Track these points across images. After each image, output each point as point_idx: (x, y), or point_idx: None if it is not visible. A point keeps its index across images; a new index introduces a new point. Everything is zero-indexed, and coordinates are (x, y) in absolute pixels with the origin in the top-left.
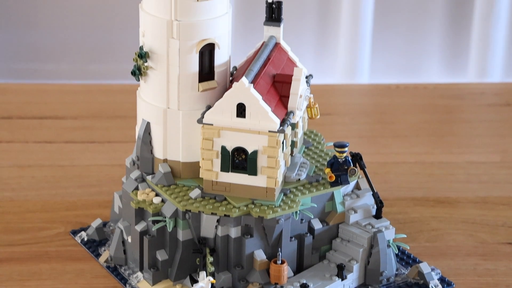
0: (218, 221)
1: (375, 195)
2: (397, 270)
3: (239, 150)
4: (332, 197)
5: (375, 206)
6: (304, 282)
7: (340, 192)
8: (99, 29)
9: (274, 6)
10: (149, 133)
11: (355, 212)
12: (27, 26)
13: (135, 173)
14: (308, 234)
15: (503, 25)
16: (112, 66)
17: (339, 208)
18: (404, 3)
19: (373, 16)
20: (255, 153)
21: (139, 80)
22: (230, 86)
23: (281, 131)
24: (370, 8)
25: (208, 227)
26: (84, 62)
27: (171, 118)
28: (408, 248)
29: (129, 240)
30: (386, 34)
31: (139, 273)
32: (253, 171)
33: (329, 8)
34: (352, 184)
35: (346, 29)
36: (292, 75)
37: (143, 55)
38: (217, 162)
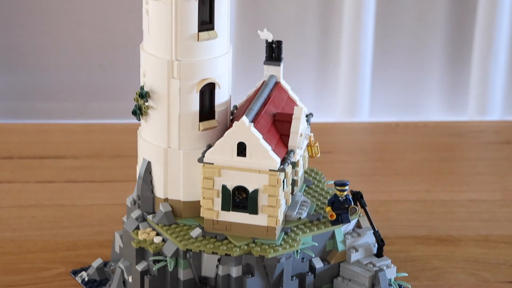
0: (219, 260)
1: (376, 234)
2: None
3: (240, 189)
4: (333, 236)
5: (376, 245)
6: None
7: (341, 230)
8: (99, 68)
9: (274, 45)
10: (150, 172)
11: (356, 250)
12: (27, 66)
13: (136, 213)
14: (309, 273)
15: (502, 63)
16: (113, 105)
17: (340, 247)
18: (403, 41)
19: (372, 54)
20: (255, 192)
21: (140, 120)
22: (231, 125)
23: (282, 170)
24: (369, 47)
25: (209, 266)
26: (85, 101)
27: (172, 157)
28: (410, 287)
29: (130, 280)
30: (385, 72)
31: None
32: (254, 210)
33: (328, 47)
34: (353, 222)
35: (346, 68)
36: (292, 114)
37: (144, 95)
38: (218, 201)
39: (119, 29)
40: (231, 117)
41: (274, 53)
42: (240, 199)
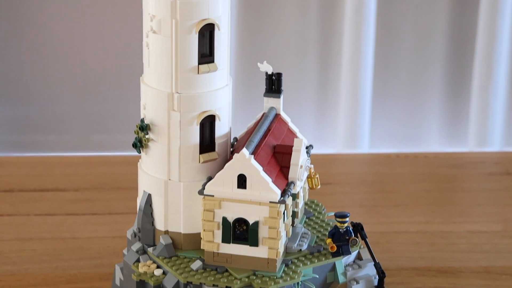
0: None
1: (377, 265)
2: None
3: (240, 221)
4: (333, 268)
5: (377, 277)
6: None
7: (341, 262)
8: (100, 100)
9: (274, 77)
10: (150, 205)
11: (357, 282)
12: (27, 99)
13: (136, 245)
14: None
15: (502, 94)
16: (114, 138)
17: (341, 279)
18: (403, 72)
19: (372, 86)
20: (256, 224)
21: (140, 152)
22: (231, 158)
23: (282, 201)
24: (369, 78)
25: None
26: (85, 133)
27: (172, 190)
28: None
29: None
30: (385, 103)
31: None
32: (254, 242)
33: (328, 79)
34: (354, 254)
35: (345, 99)
36: (292, 146)
37: (144, 128)
38: (218, 233)
39: (119, 62)
40: (231, 149)
41: (274, 85)
42: (241, 231)
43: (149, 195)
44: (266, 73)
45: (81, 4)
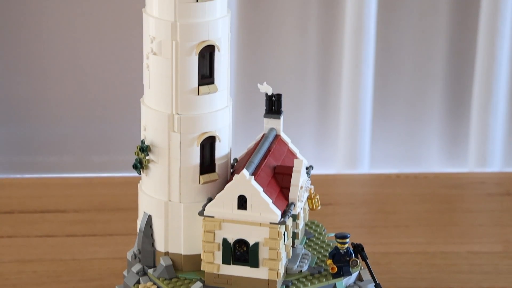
0: None
1: (377, 286)
2: None
3: (241, 242)
4: None
5: None
6: None
7: (342, 283)
8: (100, 121)
9: (273, 98)
10: (151, 226)
11: None
12: (27, 120)
13: (137, 267)
14: None
15: (502, 114)
16: (114, 158)
17: None
18: (403, 93)
19: (372, 106)
20: (256, 245)
21: (140, 174)
22: (231, 179)
23: (282, 222)
24: (369, 99)
25: None
26: (85, 154)
27: (173, 211)
28: None
29: None
30: (385, 124)
31: None
32: (254, 263)
33: (328, 99)
34: (354, 275)
35: (345, 120)
36: (292, 167)
37: (144, 149)
38: (219, 255)
39: (119, 83)
40: (231, 170)
41: (274, 106)
42: (241, 252)
43: (150, 216)
44: (266, 94)
45: (82, 26)
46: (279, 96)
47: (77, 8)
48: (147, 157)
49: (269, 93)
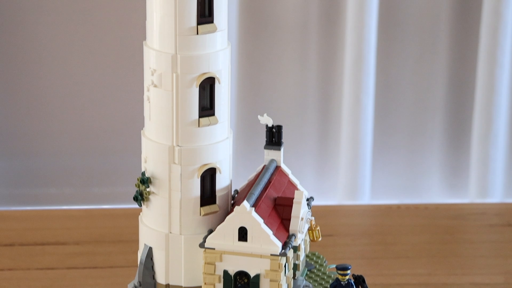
0: None
1: None
2: None
3: (241, 274)
4: None
5: None
6: None
7: None
8: (100, 153)
9: (274, 130)
10: (151, 258)
11: None
12: (27, 152)
13: None
14: None
15: (502, 145)
16: (114, 190)
17: None
18: (403, 124)
19: (372, 137)
20: (257, 277)
21: (141, 206)
22: (232, 210)
23: (283, 254)
24: (369, 130)
25: None
26: (86, 186)
27: (173, 243)
28: None
29: None
30: (386, 155)
31: None
32: None
33: (328, 130)
34: None
35: (346, 151)
36: (293, 198)
37: (145, 181)
38: (220, 287)
39: (120, 115)
40: (232, 202)
41: (274, 137)
42: (242, 284)
43: (150, 248)
44: (267, 125)
45: (82, 58)
46: (279, 128)
47: (78, 40)
48: (147, 189)
49: (270, 125)
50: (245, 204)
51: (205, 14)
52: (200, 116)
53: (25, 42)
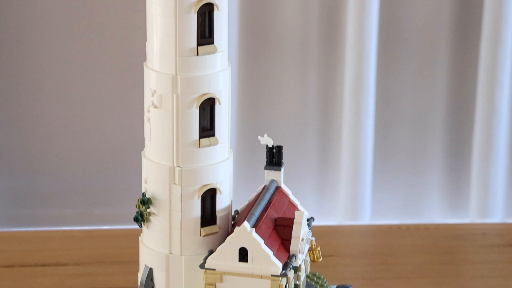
0: None
1: None
2: None
3: None
4: None
5: None
6: None
7: None
8: (101, 173)
9: (274, 150)
10: (152, 279)
11: None
12: (28, 173)
13: None
14: None
15: (502, 165)
16: (115, 211)
17: None
18: (403, 144)
19: (372, 157)
20: None
21: (141, 226)
22: (232, 231)
23: (284, 275)
24: (369, 150)
25: None
26: (86, 207)
27: (174, 264)
28: None
29: None
30: (386, 175)
31: None
32: None
33: (329, 151)
34: None
35: (346, 171)
36: (293, 219)
37: (145, 202)
38: None
39: (120, 136)
40: (232, 222)
41: (274, 158)
42: None
43: (151, 269)
44: (267, 146)
45: (83, 79)
46: (279, 148)
47: (79, 60)
48: (148, 210)
49: (270, 145)
50: (246, 224)
51: (205, 35)
52: (201, 136)
53: (26, 62)
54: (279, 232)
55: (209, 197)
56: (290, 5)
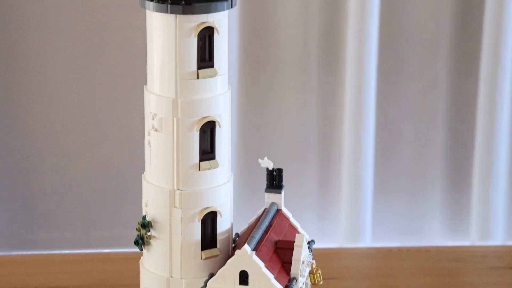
0: None
1: None
2: None
3: None
4: None
5: None
6: None
7: None
8: (101, 197)
9: (274, 173)
10: None
11: None
12: (27, 196)
13: None
14: None
15: (503, 188)
16: (115, 234)
17: None
18: (403, 167)
19: (373, 180)
20: None
21: (142, 250)
22: (233, 254)
23: None
24: (370, 173)
25: None
26: (86, 230)
27: (174, 287)
28: None
29: None
30: (387, 198)
31: None
32: None
33: (329, 173)
34: None
35: (346, 194)
36: (293, 242)
37: (146, 225)
38: None
39: (121, 159)
40: (233, 245)
41: (275, 180)
42: None
43: None
44: (267, 168)
45: (83, 102)
46: (279, 171)
47: (79, 85)
48: (148, 233)
49: (270, 168)
50: (246, 247)
51: (206, 58)
52: (201, 159)
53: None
54: (280, 255)
55: (209, 220)
56: (290, 28)
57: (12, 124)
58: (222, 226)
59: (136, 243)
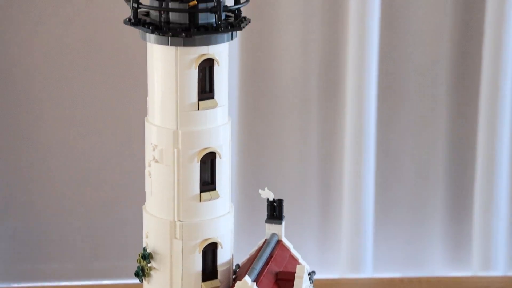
0: None
1: None
2: None
3: None
4: None
5: None
6: None
7: None
8: (101, 228)
9: (275, 204)
10: None
11: None
12: (27, 227)
13: None
14: None
15: (504, 217)
16: (115, 265)
17: None
18: (404, 197)
19: (374, 210)
20: None
21: (142, 281)
22: (233, 285)
23: None
24: (371, 202)
25: None
26: (87, 261)
27: None
28: None
29: None
30: (388, 228)
31: None
32: None
33: (329, 204)
34: None
35: (347, 224)
36: (294, 273)
37: (146, 256)
38: None
39: (121, 190)
40: (233, 277)
41: (275, 211)
42: None
43: None
44: (268, 199)
45: (83, 132)
46: (280, 202)
47: (79, 115)
48: (149, 265)
49: (271, 199)
50: (247, 279)
51: (206, 90)
52: (201, 190)
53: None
54: (281, 286)
55: (210, 251)
56: (290, 60)
57: (10, 156)
58: (223, 257)
59: (137, 274)
